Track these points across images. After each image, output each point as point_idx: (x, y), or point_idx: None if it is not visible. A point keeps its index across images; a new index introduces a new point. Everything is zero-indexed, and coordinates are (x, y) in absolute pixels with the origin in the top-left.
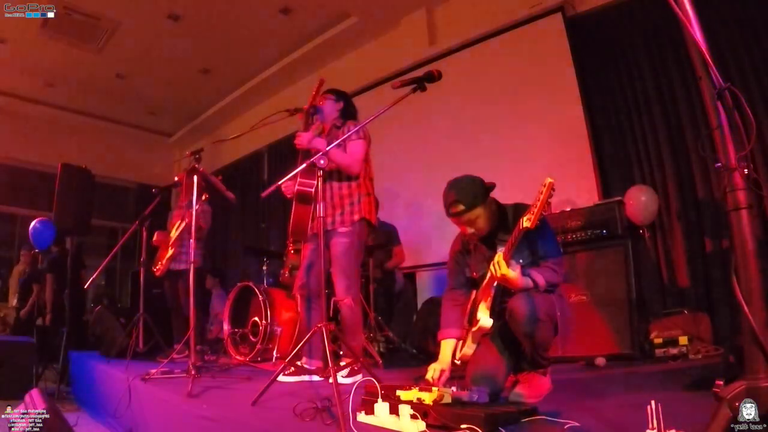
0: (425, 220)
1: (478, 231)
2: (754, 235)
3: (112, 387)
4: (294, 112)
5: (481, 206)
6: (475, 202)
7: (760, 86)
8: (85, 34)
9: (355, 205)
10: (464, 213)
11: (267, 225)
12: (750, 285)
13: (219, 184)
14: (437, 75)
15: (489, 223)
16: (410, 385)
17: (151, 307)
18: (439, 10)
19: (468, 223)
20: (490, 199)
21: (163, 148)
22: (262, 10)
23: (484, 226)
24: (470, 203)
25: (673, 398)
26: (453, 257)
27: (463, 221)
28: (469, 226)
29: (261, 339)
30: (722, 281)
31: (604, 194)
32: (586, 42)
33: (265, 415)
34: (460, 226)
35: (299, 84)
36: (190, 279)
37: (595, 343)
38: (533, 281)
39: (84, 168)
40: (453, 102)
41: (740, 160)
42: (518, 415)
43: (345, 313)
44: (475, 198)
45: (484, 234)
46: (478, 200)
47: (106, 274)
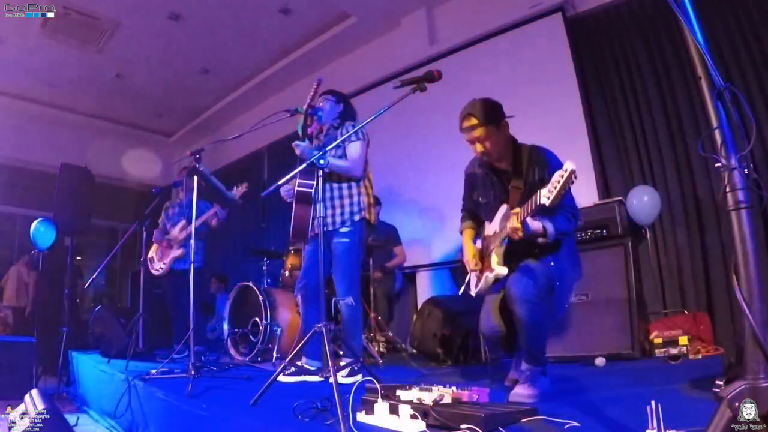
0: (425, 220)
1: (487, 152)
2: (754, 235)
3: (112, 387)
4: (294, 112)
5: (493, 126)
6: (488, 120)
7: (760, 86)
8: (85, 34)
9: (354, 206)
10: (475, 128)
11: (267, 225)
12: (750, 285)
13: (219, 185)
14: (437, 75)
15: (499, 147)
16: (410, 385)
17: (151, 307)
18: (439, 10)
19: (478, 140)
20: (505, 126)
21: (163, 148)
22: (262, 10)
23: (494, 149)
24: (483, 119)
25: (673, 398)
26: (465, 178)
27: (474, 137)
28: (480, 143)
29: (261, 339)
30: (722, 281)
31: (604, 194)
32: (586, 42)
33: (265, 415)
34: (471, 144)
35: (299, 84)
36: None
37: (595, 343)
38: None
39: (84, 168)
40: (453, 102)
41: (740, 160)
42: (518, 415)
43: (345, 313)
44: (488, 116)
45: (493, 157)
46: (491, 119)
47: (106, 274)
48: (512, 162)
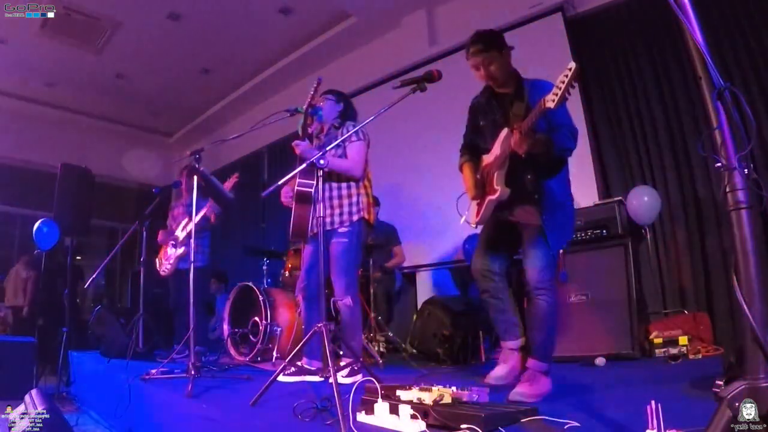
0: (425, 220)
1: (492, 75)
2: (754, 235)
3: (112, 387)
4: (294, 112)
5: (496, 51)
6: (493, 45)
7: (760, 86)
8: (85, 34)
9: (353, 206)
10: (481, 53)
11: (267, 225)
12: (750, 285)
13: (218, 184)
14: (437, 75)
15: (503, 73)
16: (410, 385)
17: (151, 307)
18: (439, 10)
19: (483, 64)
20: (507, 54)
21: (163, 148)
22: (262, 10)
23: (498, 74)
24: (488, 44)
25: (673, 398)
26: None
27: (479, 61)
28: (485, 68)
29: (261, 339)
30: (722, 281)
31: (604, 194)
32: (586, 42)
33: (265, 415)
34: (477, 70)
35: (299, 84)
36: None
37: (595, 343)
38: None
39: (84, 168)
40: (453, 102)
41: (740, 160)
42: (518, 415)
43: (344, 313)
44: (493, 43)
45: (499, 82)
46: (495, 46)
47: (106, 274)
48: (515, 88)
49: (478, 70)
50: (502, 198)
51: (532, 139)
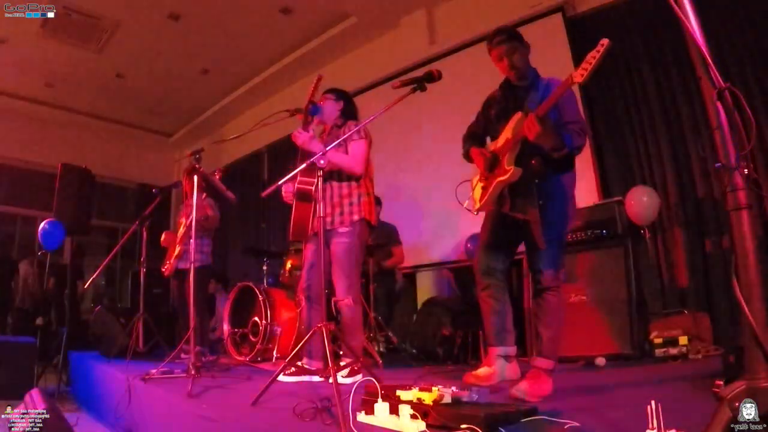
0: (425, 220)
1: (514, 65)
2: (754, 235)
3: (112, 387)
4: (294, 112)
5: (518, 42)
6: (514, 37)
7: (760, 86)
8: (85, 34)
9: (354, 205)
10: (505, 42)
11: (267, 225)
12: (750, 285)
13: (219, 184)
14: (437, 75)
15: (525, 63)
16: (410, 385)
17: (151, 307)
18: (439, 10)
19: (507, 53)
20: (526, 50)
21: (163, 148)
22: (262, 10)
23: (521, 65)
24: (511, 36)
25: (673, 398)
26: (483, 103)
27: (503, 51)
28: (508, 58)
29: (261, 339)
30: (722, 281)
31: (604, 194)
32: (586, 42)
33: (265, 415)
34: (500, 61)
35: (299, 84)
36: (190, 278)
37: (595, 343)
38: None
39: (84, 168)
40: (453, 102)
41: (740, 160)
42: (518, 414)
43: (345, 313)
44: (514, 36)
45: (521, 72)
46: (517, 38)
47: (106, 274)
48: (531, 82)
49: (501, 61)
50: (513, 179)
51: (545, 126)
